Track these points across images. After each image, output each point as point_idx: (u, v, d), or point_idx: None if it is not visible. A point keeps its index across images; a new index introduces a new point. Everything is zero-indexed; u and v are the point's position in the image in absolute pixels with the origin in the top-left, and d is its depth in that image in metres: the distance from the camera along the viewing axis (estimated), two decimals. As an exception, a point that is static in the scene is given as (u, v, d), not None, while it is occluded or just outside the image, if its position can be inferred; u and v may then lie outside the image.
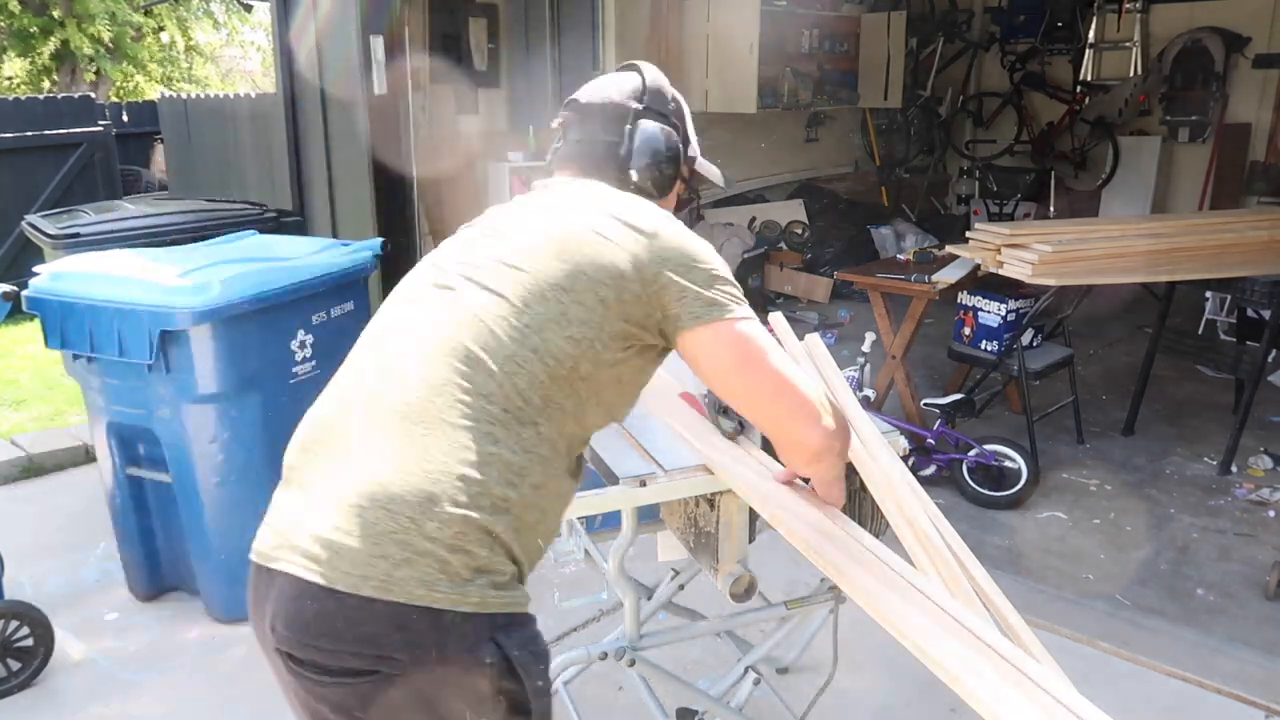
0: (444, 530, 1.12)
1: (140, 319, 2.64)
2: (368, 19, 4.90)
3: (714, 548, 1.83)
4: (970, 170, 8.56)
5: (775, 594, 2.32)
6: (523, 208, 1.48)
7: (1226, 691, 2.62)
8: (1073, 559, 3.39)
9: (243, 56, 20.47)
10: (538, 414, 1.23)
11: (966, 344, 4.27)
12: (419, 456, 1.16)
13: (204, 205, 4.10)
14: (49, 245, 3.55)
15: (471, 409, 1.19)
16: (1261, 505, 3.77)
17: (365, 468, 1.17)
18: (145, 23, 15.49)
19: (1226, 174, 7.26)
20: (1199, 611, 3.06)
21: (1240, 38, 7.14)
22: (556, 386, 1.25)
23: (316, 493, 1.19)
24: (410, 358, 1.24)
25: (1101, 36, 8.03)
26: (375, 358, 1.30)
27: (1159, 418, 4.65)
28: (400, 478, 1.15)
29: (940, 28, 8.38)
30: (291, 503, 1.23)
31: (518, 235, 1.37)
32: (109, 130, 8.10)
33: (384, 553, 1.11)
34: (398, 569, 1.10)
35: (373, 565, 1.11)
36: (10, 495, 3.94)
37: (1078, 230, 4.21)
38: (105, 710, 2.61)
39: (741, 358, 1.33)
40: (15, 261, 6.94)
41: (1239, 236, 4.32)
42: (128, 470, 2.95)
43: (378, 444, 1.19)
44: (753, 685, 2.18)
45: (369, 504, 1.14)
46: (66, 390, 4.99)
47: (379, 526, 1.12)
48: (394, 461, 1.16)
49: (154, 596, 3.11)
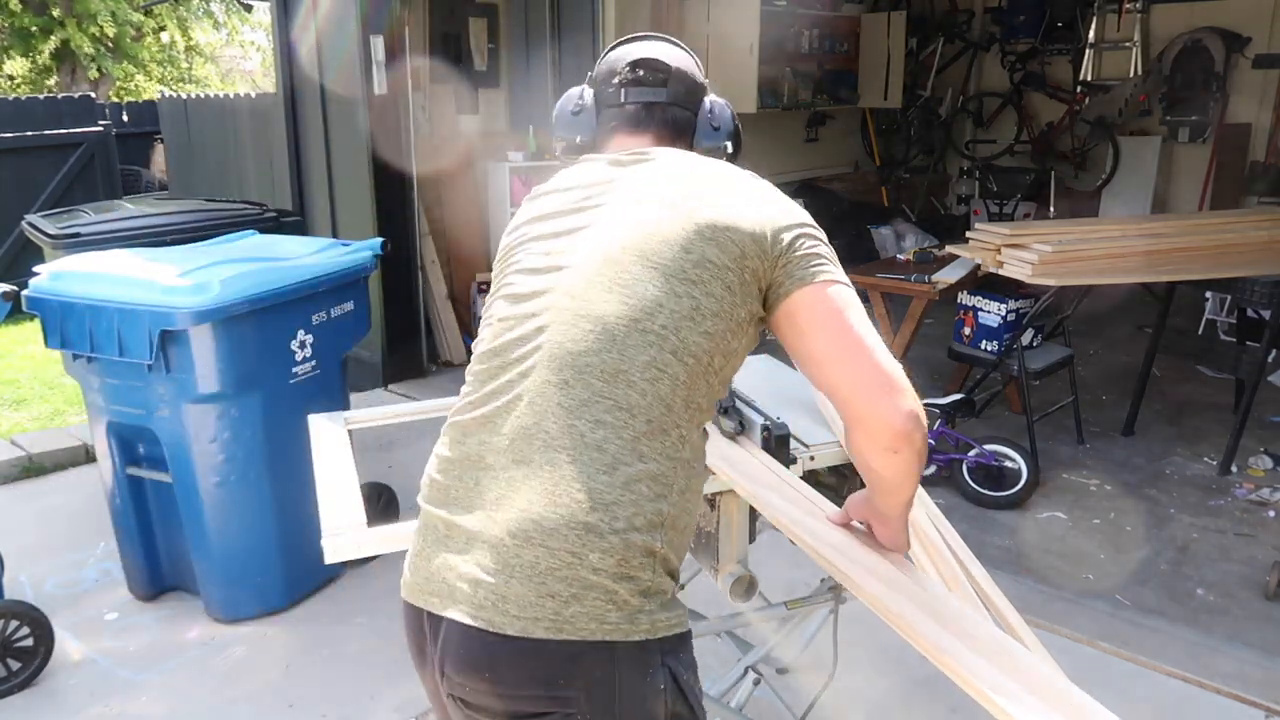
0: (606, 559, 1.09)
1: (140, 319, 2.64)
2: (368, 19, 4.90)
3: (714, 548, 1.83)
4: (970, 170, 8.56)
5: (775, 594, 2.31)
6: (616, 185, 1.33)
7: (1226, 691, 2.62)
8: (1073, 559, 3.39)
9: (243, 56, 20.48)
10: (679, 418, 1.19)
11: (966, 344, 4.28)
12: (569, 486, 1.12)
13: (204, 205, 4.09)
14: (49, 245, 3.54)
15: (615, 428, 1.15)
16: (1261, 505, 3.76)
17: (516, 505, 1.13)
18: (145, 23, 15.49)
19: (1226, 174, 7.25)
20: (1199, 611, 3.05)
21: (1240, 38, 7.14)
22: (694, 385, 1.20)
23: (468, 531, 1.16)
24: (544, 384, 1.18)
25: (1101, 36, 8.03)
26: (503, 386, 1.22)
27: (1159, 418, 4.64)
28: (553, 511, 1.11)
29: (940, 28, 8.38)
30: (441, 540, 1.19)
31: (628, 224, 1.26)
32: (109, 130, 8.10)
33: (550, 591, 1.08)
34: (566, 606, 1.08)
35: (541, 606, 1.08)
36: (10, 495, 3.94)
37: (1078, 230, 4.21)
38: (105, 710, 2.60)
39: (831, 315, 1.22)
40: (15, 261, 6.94)
41: (1239, 237, 4.32)
42: (128, 470, 2.95)
43: (525, 478, 1.14)
44: (753, 685, 2.18)
45: (526, 543, 1.10)
46: (66, 390, 4.99)
47: (540, 565, 1.09)
48: (544, 495, 1.12)
49: (154, 596, 3.11)
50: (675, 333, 1.18)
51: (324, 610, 3.07)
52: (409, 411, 2.40)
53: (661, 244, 1.22)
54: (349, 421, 2.24)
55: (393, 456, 4.11)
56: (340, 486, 1.84)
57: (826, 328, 1.22)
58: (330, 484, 1.86)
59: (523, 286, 1.27)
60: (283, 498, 2.92)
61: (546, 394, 1.17)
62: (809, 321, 1.23)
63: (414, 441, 4.15)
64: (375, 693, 2.64)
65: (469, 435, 1.23)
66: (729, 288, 1.21)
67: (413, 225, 5.30)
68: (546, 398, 1.16)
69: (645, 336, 1.17)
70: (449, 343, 5.56)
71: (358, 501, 1.78)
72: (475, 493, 1.18)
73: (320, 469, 1.94)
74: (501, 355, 1.24)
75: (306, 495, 2.06)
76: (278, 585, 3.02)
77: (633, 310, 1.18)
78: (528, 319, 1.23)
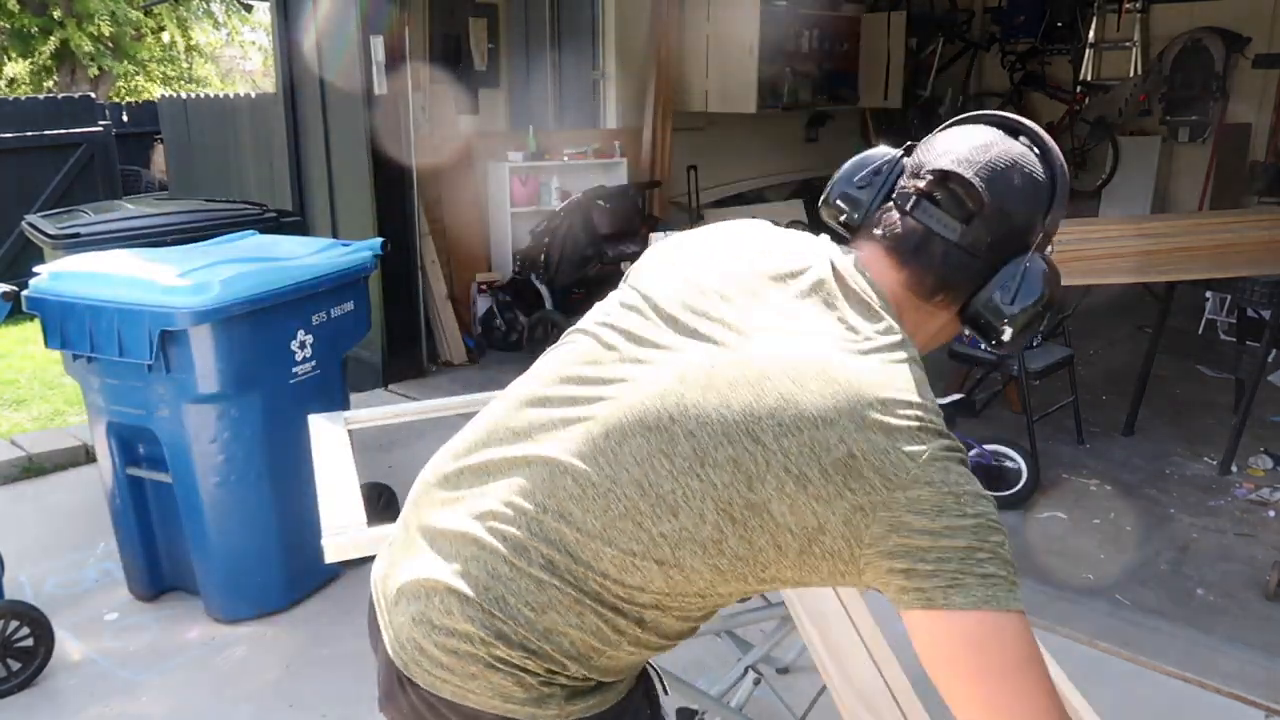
0: (511, 654, 1.00)
1: (140, 319, 2.64)
2: (368, 19, 4.90)
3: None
4: (970, 170, 8.55)
5: (775, 594, 2.31)
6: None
7: (1226, 691, 2.62)
8: (1073, 559, 3.39)
9: (243, 56, 20.49)
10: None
11: (966, 344, 4.27)
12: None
13: (204, 205, 4.09)
14: (49, 245, 3.54)
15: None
16: (1261, 505, 3.76)
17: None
18: (145, 23, 15.50)
19: (1226, 174, 7.25)
20: (1199, 611, 3.05)
21: (1240, 38, 7.14)
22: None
23: (407, 570, 1.08)
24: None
25: (1101, 36, 8.03)
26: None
27: (1159, 418, 4.64)
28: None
29: (940, 28, 8.38)
30: (395, 562, 1.12)
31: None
32: (109, 130, 8.11)
33: (457, 663, 1.02)
34: (471, 680, 1.01)
35: (449, 671, 1.02)
36: (10, 495, 3.94)
37: (1078, 230, 4.21)
38: (105, 710, 2.60)
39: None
40: (15, 261, 6.94)
41: (1239, 236, 4.32)
42: (128, 470, 2.95)
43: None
44: (753, 685, 2.18)
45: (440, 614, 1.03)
46: (66, 390, 4.99)
47: (450, 644, 1.02)
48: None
49: (154, 596, 3.11)
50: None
51: (324, 610, 3.07)
52: (409, 411, 2.40)
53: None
54: (349, 421, 2.24)
55: (393, 456, 4.11)
56: (340, 486, 1.84)
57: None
58: (330, 484, 1.86)
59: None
60: (283, 498, 2.92)
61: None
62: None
63: (414, 441, 4.15)
64: (375, 692, 2.64)
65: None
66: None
67: (413, 225, 5.30)
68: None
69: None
70: (449, 343, 5.56)
71: (358, 501, 1.79)
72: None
73: (320, 469, 1.94)
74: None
75: (306, 495, 2.07)
76: (278, 585, 3.02)
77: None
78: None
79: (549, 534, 0.98)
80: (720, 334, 1.01)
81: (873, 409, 0.92)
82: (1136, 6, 7.68)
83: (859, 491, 0.90)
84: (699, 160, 6.90)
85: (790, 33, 7.03)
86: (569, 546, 0.98)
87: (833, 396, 0.92)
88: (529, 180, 5.97)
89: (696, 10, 6.63)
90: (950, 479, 0.91)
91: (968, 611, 0.87)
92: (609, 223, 5.65)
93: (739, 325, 1.01)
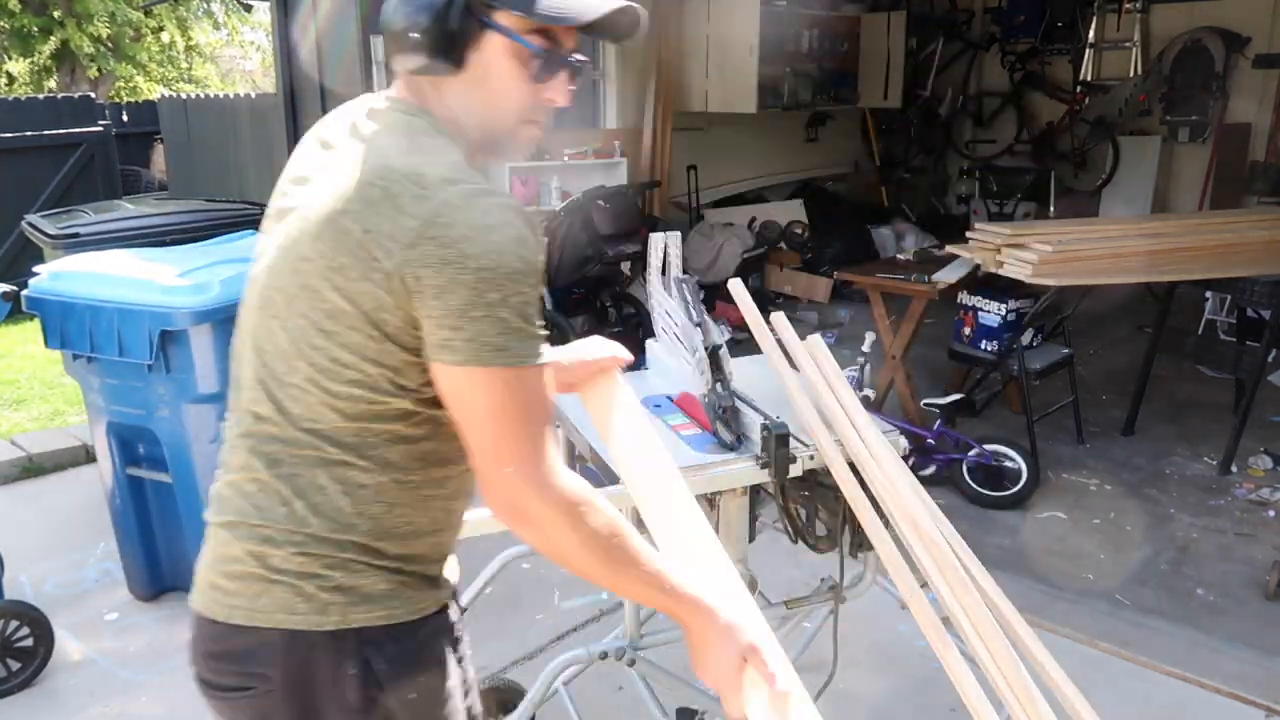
0: (288, 562, 1.13)
1: (140, 319, 2.64)
2: (368, 19, 4.90)
3: (714, 548, 1.82)
4: (970, 170, 8.56)
5: (775, 594, 2.31)
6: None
7: (1226, 691, 2.62)
8: (1073, 559, 3.39)
9: (243, 56, 20.48)
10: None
11: (966, 344, 4.28)
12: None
13: (204, 205, 4.10)
14: (49, 245, 3.55)
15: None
16: (1261, 505, 3.77)
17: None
18: (145, 23, 15.49)
19: (1226, 174, 7.25)
20: (1199, 611, 3.05)
21: (1240, 38, 7.14)
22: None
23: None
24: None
25: (1101, 36, 8.03)
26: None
27: (1159, 418, 4.64)
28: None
29: (940, 28, 8.38)
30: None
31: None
32: (109, 130, 8.10)
33: (243, 587, 1.14)
34: (258, 599, 1.12)
35: (238, 595, 1.14)
36: (10, 495, 3.94)
37: (1078, 230, 4.21)
38: (105, 710, 2.60)
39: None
40: (15, 261, 6.94)
41: (1239, 236, 4.32)
42: (128, 470, 2.95)
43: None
44: (753, 685, 2.17)
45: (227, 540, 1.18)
46: (66, 390, 4.99)
47: (236, 567, 1.15)
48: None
49: (154, 596, 3.11)
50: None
51: (324, 610, 3.07)
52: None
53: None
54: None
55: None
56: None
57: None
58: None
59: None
60: (283, 498, 2.91)
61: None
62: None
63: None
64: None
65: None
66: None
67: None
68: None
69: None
70: (449, 343, 5.54)
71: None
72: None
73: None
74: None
75: (306, 495, 2.05)
76: (278, 585, 3.01)
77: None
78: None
79: (259, 420, 1.14)
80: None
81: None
82: (1136, 6, 7.67)
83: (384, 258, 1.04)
84: (699, 160, 6.90)
85: (790, 33, 7.03)
86: (276, 417, 1.12)
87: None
88: (529, 180, 5.96)
89: (696, 10, 6.62)
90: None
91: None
92: (609, 223, 5.64)
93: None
